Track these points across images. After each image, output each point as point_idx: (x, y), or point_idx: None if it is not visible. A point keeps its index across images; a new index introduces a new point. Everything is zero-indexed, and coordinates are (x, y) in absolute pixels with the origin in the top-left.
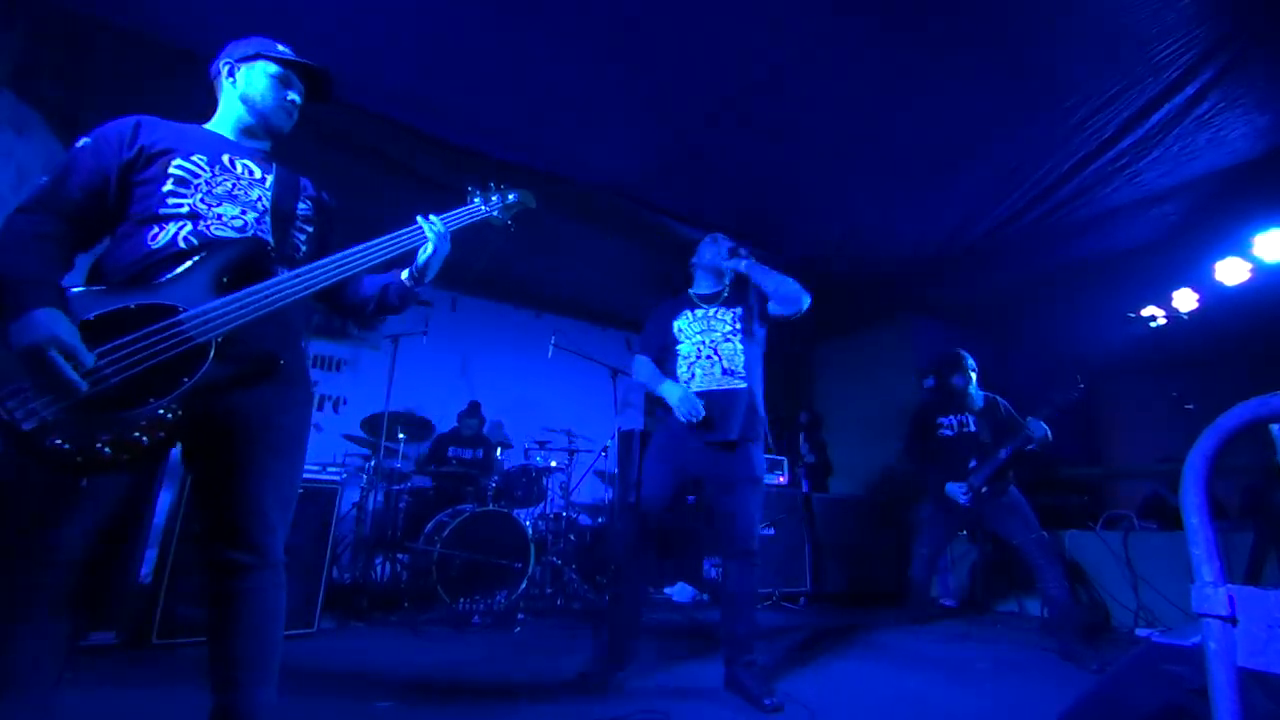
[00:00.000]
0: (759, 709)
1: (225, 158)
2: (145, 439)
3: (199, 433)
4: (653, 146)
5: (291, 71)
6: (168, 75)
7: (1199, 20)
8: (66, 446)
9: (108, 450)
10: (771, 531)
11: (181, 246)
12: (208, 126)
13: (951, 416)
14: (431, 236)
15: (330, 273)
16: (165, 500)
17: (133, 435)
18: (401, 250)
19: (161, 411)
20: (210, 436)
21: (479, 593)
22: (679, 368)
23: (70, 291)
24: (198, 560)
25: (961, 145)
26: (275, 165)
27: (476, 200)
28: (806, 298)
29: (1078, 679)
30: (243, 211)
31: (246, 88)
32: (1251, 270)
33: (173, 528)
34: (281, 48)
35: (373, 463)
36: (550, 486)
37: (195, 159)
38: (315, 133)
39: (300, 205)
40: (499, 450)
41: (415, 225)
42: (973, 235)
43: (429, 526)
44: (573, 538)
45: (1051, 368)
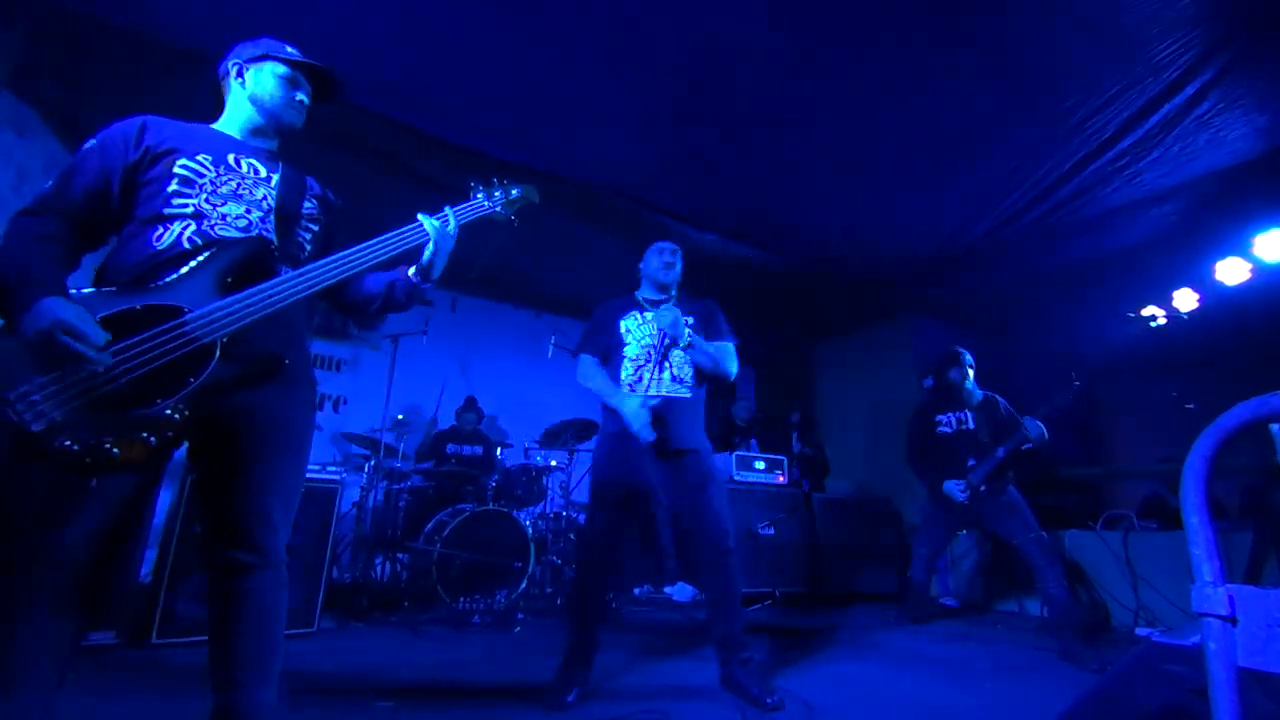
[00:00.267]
0: (759, 707)
1: (231, 157)
2: (153, 439)
3: (204, 432)
4: (653, 146)
5: (299, 72)
6: (168, 76)
7: (1199, 20)
8: (75, 447)
9: (116, 451)
10: (771, 531)
11: (186, 247)
12: (215, 126)
13: (950, 414)
14: (433, 234)
15: (333, 271)
16: (165, 500)
17: (140, 435)
18: (404, 248)
19: (169, 412)
20: (215, 436)
21: (479, 592)
22: (624, 370)
23: (78, 293)
24: (199, 560)
25: (961, 145)
26: (281, 164)
27: (480, 196)
28: (733, 373)
29: (1078, 679)
30: (247, 210)
31: (255, 88)
32: (1252, 270)
33: (173, 528)
34: (290, 49)
35: (373, 462)
36: (550, 486)
37: (200, 158)
38: (315, 133)
39: (305, 204)
40: (499, 450)
41: (417, 223)
42: (973, 235)
43: (429, 526)
44: (573, 537)
45: (1052, 368)
